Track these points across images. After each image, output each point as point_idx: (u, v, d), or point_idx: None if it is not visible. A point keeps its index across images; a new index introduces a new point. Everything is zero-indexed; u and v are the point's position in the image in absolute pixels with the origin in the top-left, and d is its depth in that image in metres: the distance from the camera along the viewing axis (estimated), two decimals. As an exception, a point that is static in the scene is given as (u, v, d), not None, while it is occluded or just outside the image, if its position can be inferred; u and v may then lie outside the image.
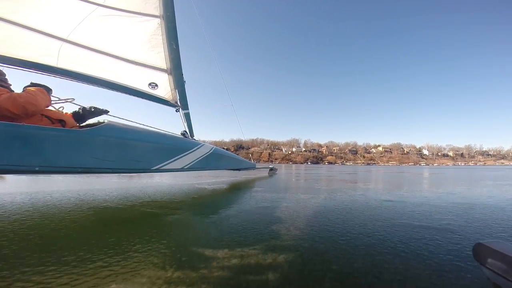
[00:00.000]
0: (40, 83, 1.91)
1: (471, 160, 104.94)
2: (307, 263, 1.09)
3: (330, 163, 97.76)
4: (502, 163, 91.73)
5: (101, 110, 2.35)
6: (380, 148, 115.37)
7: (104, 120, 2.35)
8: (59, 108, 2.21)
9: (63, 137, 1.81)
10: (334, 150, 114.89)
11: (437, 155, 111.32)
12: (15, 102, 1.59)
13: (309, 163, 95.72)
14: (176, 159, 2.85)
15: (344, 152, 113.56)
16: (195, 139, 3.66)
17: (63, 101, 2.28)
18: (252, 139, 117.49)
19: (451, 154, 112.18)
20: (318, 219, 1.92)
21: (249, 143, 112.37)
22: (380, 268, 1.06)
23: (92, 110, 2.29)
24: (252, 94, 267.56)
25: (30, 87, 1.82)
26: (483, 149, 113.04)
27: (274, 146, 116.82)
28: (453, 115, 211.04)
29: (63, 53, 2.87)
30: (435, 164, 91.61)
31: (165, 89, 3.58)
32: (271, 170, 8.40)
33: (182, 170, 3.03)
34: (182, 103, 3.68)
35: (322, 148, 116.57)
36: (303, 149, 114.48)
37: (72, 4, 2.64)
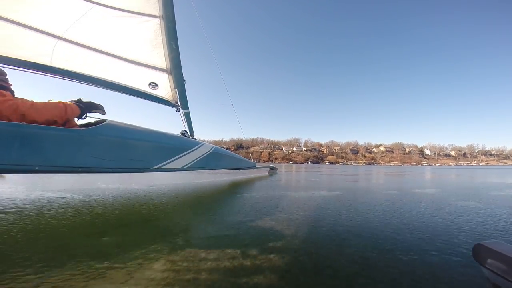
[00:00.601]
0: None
1: (474, 160, 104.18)
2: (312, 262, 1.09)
3: (331, 163, 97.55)
4: (505, 163, 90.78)
5: (97, 104, 2.23)
6: (381, 148, 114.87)
7: (104, 119, 2.34)
8: None
9: (63, 136, 1.81)
10: (335, 149, 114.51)
11: (439, 155, 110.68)
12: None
13: (309, 162, 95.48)
14: (176, 159, 2.85)
15: (345, 152, 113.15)
16: (195, 139, 3.66)
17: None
18: (252, 139, 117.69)
19: (453, 154, 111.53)
20: (315, 220, 1.91)
21: (249, 143, 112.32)
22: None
23: (89, 104, 2.16)
24: (252, 94, 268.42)
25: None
26: (486, 149, 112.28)
27: (274, 146, 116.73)
28: (455, 115, 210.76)
29: (58, 51, 2.83)
30: (437, 164, 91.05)
31: (165, 89, 3.58)
32: (271, 169, 8.39)
33: (182, 169, 3.02)
34: (182, 103, 3.68)
35: (323, 148, 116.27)
36: (304, 148, 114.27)
37: (70, 2, 2.62)
